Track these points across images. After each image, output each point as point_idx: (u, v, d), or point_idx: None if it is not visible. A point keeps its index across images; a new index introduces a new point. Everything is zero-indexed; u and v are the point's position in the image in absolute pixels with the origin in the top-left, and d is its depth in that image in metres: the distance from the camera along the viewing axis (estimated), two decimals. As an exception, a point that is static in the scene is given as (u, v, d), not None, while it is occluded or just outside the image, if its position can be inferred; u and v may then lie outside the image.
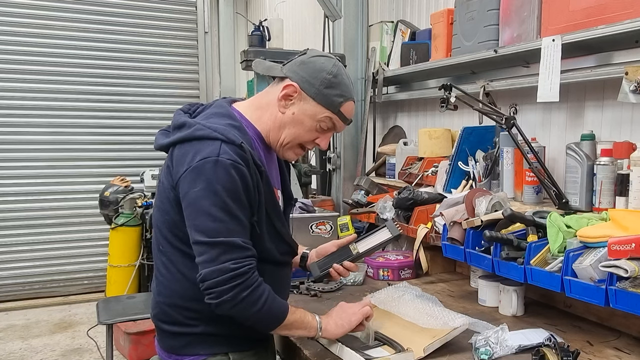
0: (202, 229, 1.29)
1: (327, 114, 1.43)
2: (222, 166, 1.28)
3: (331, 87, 1.41)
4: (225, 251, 1.28)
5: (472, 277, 2.14)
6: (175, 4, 5.29)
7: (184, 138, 1.35)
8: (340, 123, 1.47)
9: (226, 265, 1.27)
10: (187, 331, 1.40)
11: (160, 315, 1.44)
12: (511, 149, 2.06)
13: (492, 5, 2.25)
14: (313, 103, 1.42)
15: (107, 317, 2.71)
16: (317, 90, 1.40)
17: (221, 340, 1.42)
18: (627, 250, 1.34)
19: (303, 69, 1.41)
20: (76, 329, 4.29)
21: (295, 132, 1.44)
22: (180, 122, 1.39)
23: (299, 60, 1.43)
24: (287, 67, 1.44)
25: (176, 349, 1.42)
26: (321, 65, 1.41)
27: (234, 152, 1.30)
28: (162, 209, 1.40)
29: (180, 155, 1.34)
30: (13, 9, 4.78)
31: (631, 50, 1.79)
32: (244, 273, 1.28)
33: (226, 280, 1.27)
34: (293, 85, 1.40)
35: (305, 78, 1.40)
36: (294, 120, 1.43)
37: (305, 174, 3.07)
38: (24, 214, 4.96)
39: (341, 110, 1.44)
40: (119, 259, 4.19)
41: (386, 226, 1.63)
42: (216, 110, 1.44)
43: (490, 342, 1.45)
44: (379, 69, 3.16)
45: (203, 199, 1.28)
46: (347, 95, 1.45)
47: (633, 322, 1.61)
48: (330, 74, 1.41)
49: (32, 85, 4.90)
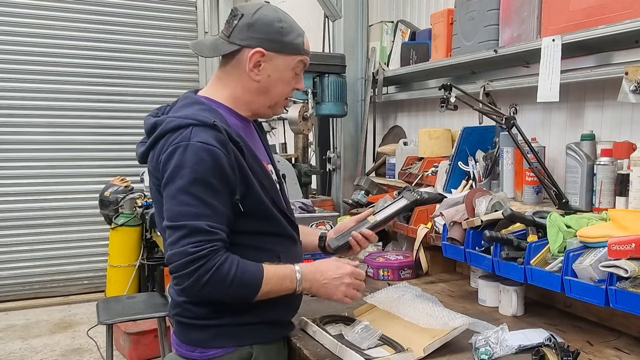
0: (168, 214, 1.29)
1: (297, 58, 1.44)
2: (191, 150, 1.27)
3: (288, 33, 1.41)
4: (187, 234, 1.25)
5: (472, 277, 2.13)
6: (175, 4, 5.29)
7: (158, 135, 1.35)
8: (307, 59, 1.48)
9: (186, 249, 1.24)
10: (213, 323, 1.38)
11: (183, 312, 1.41)
12: (511, 149, 2.06)
13: (492, 5, 2.25)
14: (282, 56, 1.42)
15: (107, 317, 2.71)
16: (280, 43, 1.40)
17: (247, 331, 1.40)
18: (627, 250, 1.34)
19: (255, 31, 1.39)
20: (76, 329, 4.29)
21: (279, 90, 1.46)
22: (151, 124, 1.38)
23: (245, 25, 1.39)
24: (236, 36, 1.39)
25: (202, 342, 1.39)
26: (267, 18, 1.40)
27: (207, 133, 1.29)
28: (161, 215, 1.38)
29: (157, 152, 1.35)
30: (13, 9, 4.78)
31: (631, 50, 1.79)
32: (203, 257, 1.24)
33: (185, 264, 1.24)
34: (258, 51, 1.38)
35: (263, 38, 1.39)
36: (273, 81, 1.43)
37: (305, 174, 3.07)
38: (24, 214, 4.97)
39: (305, 48, 1.46)
40: (119, 259, 4.19)
41: (403, 196, 1.64)
42: (184, 102, 1.43)
43: (490, 342, 1.45)
44: (379, 69, 3.15)
45: (171, 184, 1.28)
46: (301, 31, 1.46)
47: (633, 322, 1.61)
48: (280, 21, 1.41)
49: (32, 85, 4.90)
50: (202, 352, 1.39)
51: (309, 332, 1.61)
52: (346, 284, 1.45)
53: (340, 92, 3.02)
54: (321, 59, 3.00)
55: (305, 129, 2.77)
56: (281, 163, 2.81)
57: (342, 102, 3.04)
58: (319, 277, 1.43)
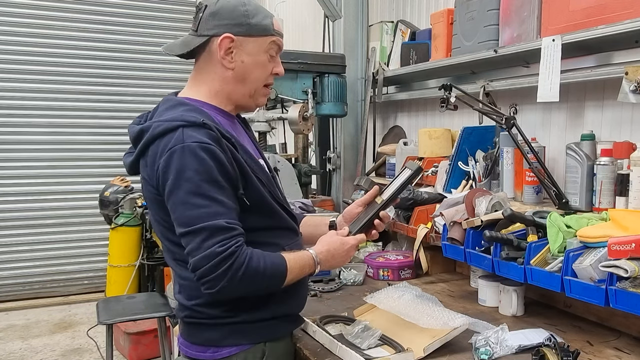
0: (182, 220, 1.26)
1: (269, 39, 1.42)
2: (189, 151, 1.25)
3: (255, 15, 1.39)
4: (209, 235, 1.23)
5: (472, 277, 2.13)
6: (175, 4, 5.29)
7: (147, 142, 1.32)
8: (281, 41, 1.46)
9: (213, 250, 1.22)
10: (227, 321, 1.37)
11: (195, 315, 1.38)
12: (511, 149, 2.06)
13: (492, 5, 2.25)
14: (252, 39, 1.39)
15: (107, 317, 2.71)
16: (246, 26, 1.38)
17: (260, 328, 1.40)
18: (627, 250, 1.34)
19: (220, 18, 1.37)
20: (76, 329, 4.29)
21: (255, 75, 1.43)
22: (137, 131, 1.36)
23: (209, 14, 1.38)
24: (203, 28, 1.38)
25: (215, 341, 1.38)
26: (230, 4, 1.38)
27: (199, 133, 1.27)
28: (158, 220, 1.37)
29: (150, 159, 1.32)
30: (13, 9, 4.78)
31: (631, 50, 1.79)
32: (232, 253, 1.23)
33: (216, 265, 1.22)
34: (226, 37, 1.37)
35: (229, 24, 1.37)
36: (248, 66, 1.41)
37: (305, 174, 3.07)
38: (24, 214, 4.97)
39: (275, 29, 1.43)
40: (119, 259, 4.19)
41: (406, 166, 1.63)
42: (166, 105, 1.40)
43: (490, 342, 1.45)
44: (379, 69, 3.15)
45: (177, 190, 1.25)
46: (268, 13, 1.43)
47: (633, 322, 1.61)
48: (244, 5, 1.38)
49: (32, 85, 4.90)
50: (215, 352, 1.38)
51: (309, 332, 1.61)
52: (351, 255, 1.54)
53: (340, 92, 3.02)
54: (321, 59, 3.00)
55: (305, 129, 2.77)
56: (281, 163, 2.81)
57: (342, 102, 3.05)
58: (330, 260, 1.48)
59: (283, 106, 3.05)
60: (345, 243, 1.50)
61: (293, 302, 1.49)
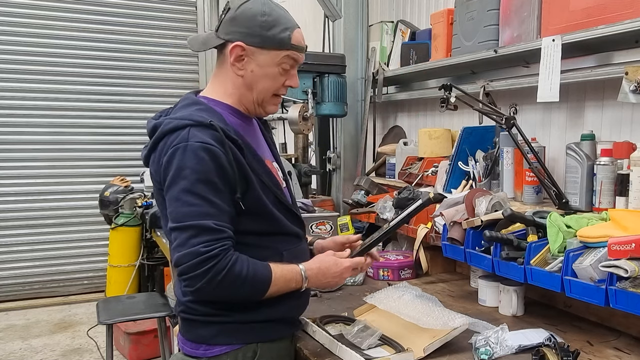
0: (173, 215, 1.29)
1: (283, 54, 1.40)
2: (190, 150, 1.27)
3: (272, 27, 1.37)
4: (196, 234, 1.24)
5: (472, 277, 2.13)
6: (175, 4, 5.29)
7: (158, 137, 1.36)
8: (298, 55, 1.44)
9: (197, 249, 1.23)
10: (219, 320, 1.37)
11: (189, 310, 1.40)
12: (511, 149, 2.06)
13: (492, 5, 2.25)
14: (265, 51, 1.38)
15: (107, 317, 2.71)
16: (261, 37, 1.37)
17: (253, 329, 1.39)
18: (627, 250, 1.34)
19: (237, 25, 1.37)
20: (76, 329, 4.29)
21: (263, 85, 1.42)
22: (152, 126, 1.40)
23: (229, 19, 1.38)
24: (222, 30, 1.40)
25: (207, 339, 1.38)
26: (251, 11, 1.37)
27: (205, 133, 1.29)
28: (164, 214, 1.39)
29: (158, 154, 1.36)
30: (13, 9, 4.77)
31: (631, 50, 1.79)
32: (215, 256, 1.24)
33: (197, 264, 1.23)
34: (237, 45, 1.37)
35: (244, 32, 1.37)
36: (257, 76, 1.41)
37: (305, 174, 3.07)
38: (24, 214, 4.96)
39: (293, 43, 1.41)
40: (119, 259, 4.19)
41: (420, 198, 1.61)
42: (183, 103, 1.44)
43: (490, 342, 1.45)
44: (379, 69, 3.16)
45: (173, 186, 1.29)
46: (290, 25, 1.41)
47: (633, 322, 1.61)
48: (264, 15, 1.37)
49: (32, 85, 4.90)
50: (207, 349, 1.38)
51: (309, 332, 1.61)
52: (345, 277, 1.51)
53: (340, 92, 3.02)
54: (321, 59, 3.00)
55: (305, 129, 2.77)
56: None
57: (342, 102, 3.05)
58: (321, 278, 1.45)
59: (283, 106, 3.05)
60: (338, 264, 1.46)
61: (291, 305, 1.46)
